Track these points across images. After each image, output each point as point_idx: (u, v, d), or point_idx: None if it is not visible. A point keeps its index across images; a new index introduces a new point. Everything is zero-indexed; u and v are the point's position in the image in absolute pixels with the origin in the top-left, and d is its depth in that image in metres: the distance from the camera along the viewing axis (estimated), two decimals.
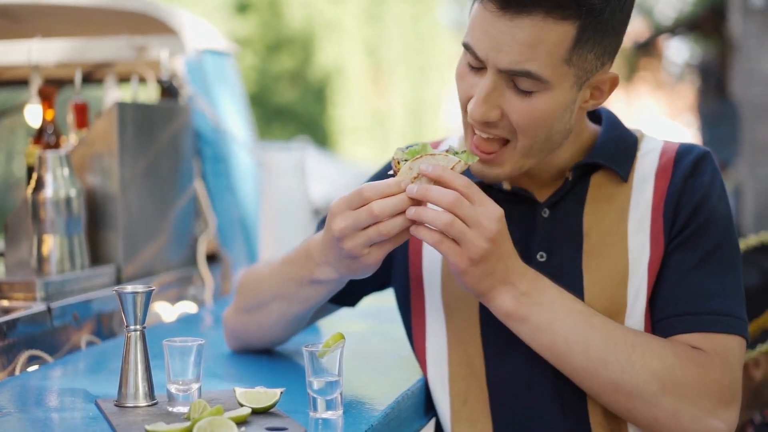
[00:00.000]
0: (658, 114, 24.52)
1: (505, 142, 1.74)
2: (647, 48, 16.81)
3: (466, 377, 1.88)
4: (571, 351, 1.70)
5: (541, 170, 1.84)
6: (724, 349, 1.72)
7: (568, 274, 1.80)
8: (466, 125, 1.77)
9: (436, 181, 1.64)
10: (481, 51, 1.66)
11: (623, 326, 1.74)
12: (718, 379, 1.70)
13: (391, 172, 1.71)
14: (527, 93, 1.67)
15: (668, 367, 1.68)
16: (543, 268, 1.80)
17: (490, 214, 1.64)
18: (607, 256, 1.80)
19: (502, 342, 1.82)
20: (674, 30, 16.31)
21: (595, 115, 1.94)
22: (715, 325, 1.72)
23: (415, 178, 1.65)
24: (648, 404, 1.69)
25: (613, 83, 1.76)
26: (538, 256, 1.83)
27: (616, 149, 1.85)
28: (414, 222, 1.65)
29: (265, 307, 1.97)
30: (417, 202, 1.65)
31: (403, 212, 1.64)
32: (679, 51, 19.63)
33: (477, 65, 1.70)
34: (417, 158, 1.66)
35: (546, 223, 1.84)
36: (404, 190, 1.64)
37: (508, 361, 1.83)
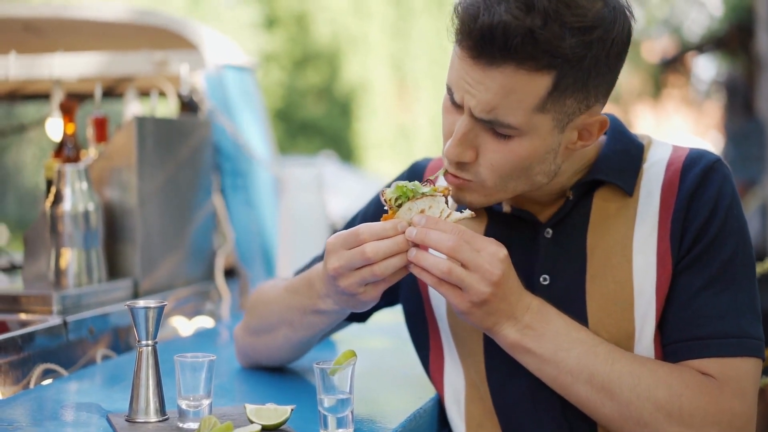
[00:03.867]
0: (686, 131, 24.40)
1: None
2: (674, 65, 16.74)
3: (479, 401, 1.87)
4: (575, 382, 1.68)
5: (540, 191, 1.79)
6: (737, 375, 1.67)
7: (571, 299, 1.76)
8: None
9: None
10: (457, 94, 1.65)
11: (630, 354, 1.70)
12: (730, 407, 1.65)
13: (386, 207, 1.68)
14: (504, 136, 1.64)
15: (675, 397, 1.65)
16: (546, 292, 1.77)
17: (493, 256, 1.61)
18: (611, 279, 1.75)
19: (505, 370, 1.80)
20: (701, 47, 16.23)
21: None
22: (727, 349, 1.67)
23: None
24: None
25: (602, 126, 1.71)
26: (541, 279, 1.79)
27: (619, 163, 1.79)
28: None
29: (272, 331, 1.98)
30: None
31: (397, 254, 1.63)
32: (706, 68, 19.55)
33: (456, 105, 1.69)
34: (417, 198, 1.64)
35: (548, 244, 1.80)
36: (401, 232, 1.63)
37: (513, 390, 1.80)
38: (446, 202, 1.66)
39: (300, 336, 1.93)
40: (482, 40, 1.56)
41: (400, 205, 1.65)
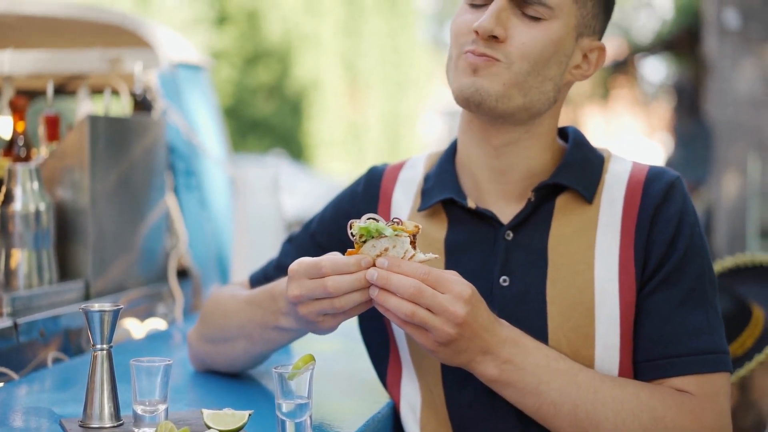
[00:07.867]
0: (635, 132, 24.63)
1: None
2: (624, 67, 16.89)
3: (433, 407, 1.86)
4: (558, 412, 1.67)
5: (509, 176, 1.82)
6: (714, 390, 1.70)
7: (531, 301, 1.77)
8: (458, 55, 1.78)
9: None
10: None
11: (610, 379, 1.70)
12: (710, 423, 1.68)
13: (351, 231, 1.64)
14: (534, 19, 1.73)
15: (659, 419, 1.66)
16: (505, 293, 1.78)
17: (457, 298, 1.58)
18: (572, 283, 1.76)
19: (461, 374, 1.78)
20: (651, 49, 16.40)
21: (564, 134, 1.92)
22: (705, 366, 1.70)
23: (378, 255, 1.61)
24: None
25: (601, 53, 1.83)
26: (501, 281, 1.79)
27: (580, 170, 1.82)
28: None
29: (230, 342, 1.96)
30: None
31: (359, 289, 1.60)
32: (655, 70, 19.76)
33: (481, 2, 1.77)
34: (380, 237, 1.61)
35: (509, 246, 1.81)
36: (364, 268, 1.60)
37: (468, 394, 1.79)
38: (411, 243, 1.63)
39: (259, 349, 1.93)
40: None
41: (365, 241, 1.63)
